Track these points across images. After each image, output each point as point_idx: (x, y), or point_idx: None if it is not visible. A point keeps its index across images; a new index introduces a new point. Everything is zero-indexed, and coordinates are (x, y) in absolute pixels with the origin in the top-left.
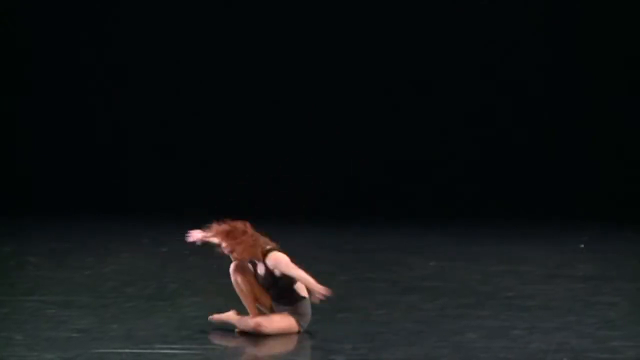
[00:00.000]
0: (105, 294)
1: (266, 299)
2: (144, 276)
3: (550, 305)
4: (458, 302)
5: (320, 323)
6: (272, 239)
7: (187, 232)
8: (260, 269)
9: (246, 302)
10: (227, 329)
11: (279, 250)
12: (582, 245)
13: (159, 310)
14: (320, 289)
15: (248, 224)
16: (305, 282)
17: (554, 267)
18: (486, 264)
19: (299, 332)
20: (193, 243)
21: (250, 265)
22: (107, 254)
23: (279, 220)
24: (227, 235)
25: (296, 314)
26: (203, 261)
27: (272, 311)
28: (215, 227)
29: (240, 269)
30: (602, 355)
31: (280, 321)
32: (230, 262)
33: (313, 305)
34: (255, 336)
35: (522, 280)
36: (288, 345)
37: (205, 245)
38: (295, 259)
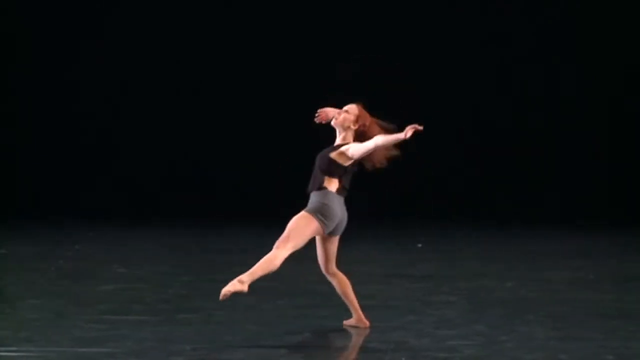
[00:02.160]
0: None
1: None
2: None
3: (389, 304)
4: (297, 302)
5: (160, 324)
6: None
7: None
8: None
9: None
10: (69, 332)
11: None
12: (420, 245)
13: None
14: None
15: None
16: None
17: (392, 266)
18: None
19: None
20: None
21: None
22: None
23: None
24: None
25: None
26: (43, 263)
27: None
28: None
29: None
30: (441, 354)
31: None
32: None
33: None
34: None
35: (360, 280)
36: (129, 346)
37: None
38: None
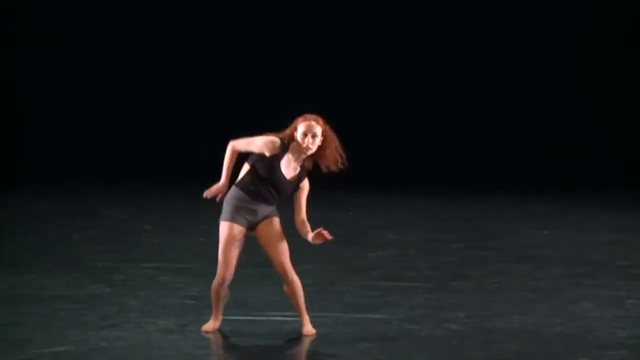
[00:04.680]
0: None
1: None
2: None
3: None
4: (572, 271)
5: (434, 291)
6: (384, 209)
7: None
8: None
9: None
10: (341, 298)
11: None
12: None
13: (271, 278)
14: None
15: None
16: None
17: None
18: (599, 233)
19: None
20: None
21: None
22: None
23: (389, 190)
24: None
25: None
26: (313, 229)
27: None
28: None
29: None
30: None
31: None
32: None
33: (426, 276)
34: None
35: (636, 249)
36: (402, 312)
37: None
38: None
